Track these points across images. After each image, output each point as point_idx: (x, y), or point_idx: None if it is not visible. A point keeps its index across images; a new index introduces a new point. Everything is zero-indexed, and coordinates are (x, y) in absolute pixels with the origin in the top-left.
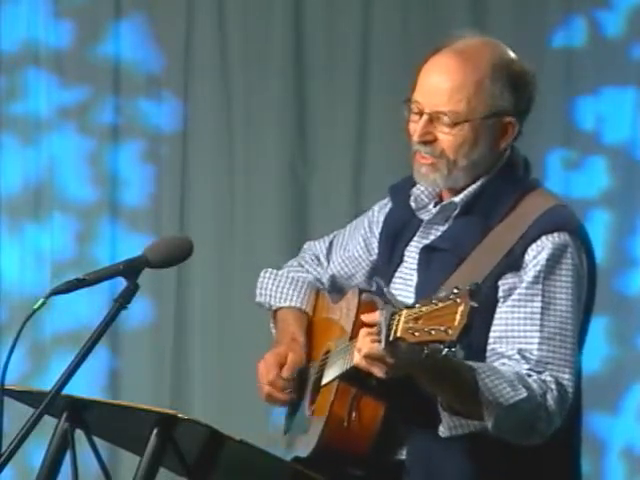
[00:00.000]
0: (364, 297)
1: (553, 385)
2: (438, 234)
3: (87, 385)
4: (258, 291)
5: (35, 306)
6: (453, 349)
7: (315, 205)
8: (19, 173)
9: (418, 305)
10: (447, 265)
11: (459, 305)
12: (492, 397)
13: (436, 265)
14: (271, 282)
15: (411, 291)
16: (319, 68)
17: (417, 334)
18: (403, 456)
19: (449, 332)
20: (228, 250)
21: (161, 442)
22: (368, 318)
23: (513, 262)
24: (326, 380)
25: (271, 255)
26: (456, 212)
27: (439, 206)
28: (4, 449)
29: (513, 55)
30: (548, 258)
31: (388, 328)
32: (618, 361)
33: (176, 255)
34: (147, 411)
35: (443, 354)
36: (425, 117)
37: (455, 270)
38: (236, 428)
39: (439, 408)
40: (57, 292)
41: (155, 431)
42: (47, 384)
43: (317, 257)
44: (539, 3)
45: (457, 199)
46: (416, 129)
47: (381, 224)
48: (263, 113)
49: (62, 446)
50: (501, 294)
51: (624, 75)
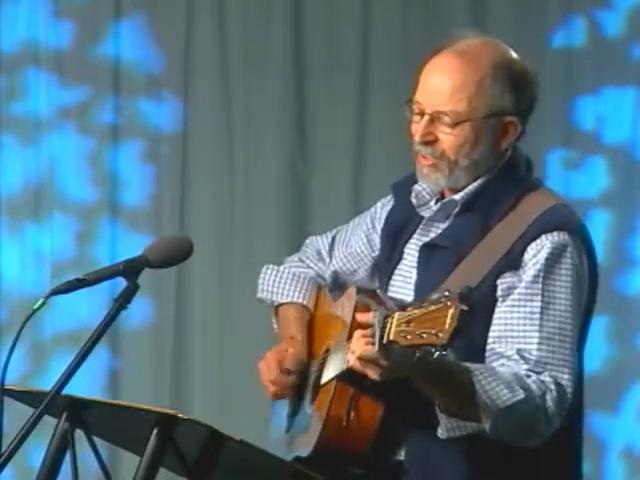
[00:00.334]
0: (358, 298)
1: (552, 386)
2: (438, 232)
3: (87, 385)
4: (259, 287)
5: (35, 306)
6: (444, 352)
7: (315, 205)
8: (19, 173)
9: (410, 308)
10: (447, 263)
11: (449, 308)
12: (489, 399)
13: (436, 263)
14: (272, 278)
15: (411, 288)
16: (319, 68)
17: (409, 337)
18: (402, 457)
19: (440, 335)
20: (228, 250)
21: (161, 442)
22: (362, 319)
23: (512, 261)
24: (325, 379)
25: (271, 255)
26: (456, 210)
27: (440, 203)
28: (4, 449)
29: (514, 55)
30: (547, 257)
31: (381, 331)
32: (618, 361)
33: (176, 255)
34: (147, 411)
35: (434, 357)
36: (426, 117)
37: (454, 268)
38: (236, 428)
39: (437, 410)
40: (57, 292)
41: (155, 431)
42: (47, 384)
43: (319, 252)
44: (539, 3)
45: (457, 197)
46: (417, 130)
47: (383, 220)
48: (263, 113)
49: (62, 446)
50: (500, 293)
51: (624, 75)
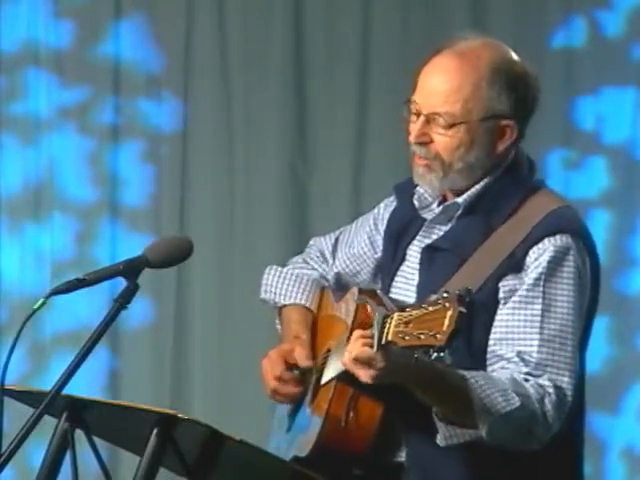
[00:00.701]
0: (357, 299)
1: (551, 389)
2: (440, 234)
3: (87, 385)
4: (263, 288)
5: (35, 306)
6: (442, 354)
7: (315, 205)
8: (19, 173)
9: (409, 309)
10: (449, 265)
11: (448, 310)
12: (485, 407)
13: (438, 265)
14: (276, 279)
15: (413, 290)
16: (319, 68)
17: (407, 338)
18: (402, 458)
19: (437, 337)
20: (228, 250)
21: (161, 442)
22: (366, 319)
23: (515, 264)
24: (325, 379)
25: (271, 255)
26: (459, 212)
27: (442, 206)
28: (4, 449)
29: (514, 57)
30: (550, 261)
31: (380, 332)
32: (618, 361)
33: (176, 255)
34: (147, 411)
35: (432, 359)
36: (422, 118)
37: (457, 270)
38: (236, 428)
39: (434, 418)
40: (57, 292)
41: (155, 431)
42: (47, 384)
43: (322, 254)
44: (539, 3)
45: (460, 200)
46: (413, 130)
47: (386, 222)
48: (263, 113)
49: (62, 446)
50: (502, 296)
51: (624, 75)
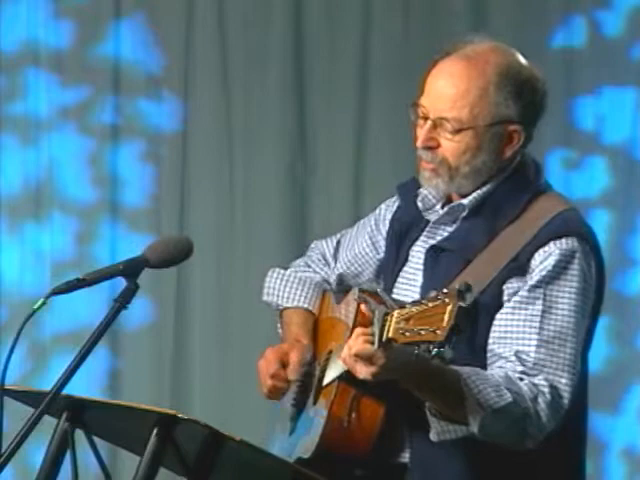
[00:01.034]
0: (357, 297)
1: (546, 389)
2: (445, 235)
3: (87, 385)
4: (265, 290)
5: (35, 306)
6: (442, 349)
7: (315, 205)
8: (19, 173)
9: (409, 305)
10: (453, 266)
11: (447, 305)
12: (477, 403)
13: (442, 266)
14: (279, 282)
15: (416, 291)
16: (319, 68)
17: (408, 334)
18: (405, 459)
19: (437, 332)
20: (228, 250)
21: (161, 442)
22: (367, 319)
23: (519, 267)
24: (327, 380)
25: (271, 255)
26: (464, 214)
27: (447, 207)
28: (4, 449)
29: (523, 61)
30: (555, 264)
31: (381, 329)
32: (618, 361)
33: (176, 255)
34: (147, 411)
35: (432, 354)
36: (429, 123)
37: (461, 272)
38: (236, 428)
39: (427, 413)
40: (57, 292)
41: (155, 431)
42: (47, 384)
43: (324, 256)
44: (539, 3)
45: (466, 201)
46: (420, 134)
47: (388, 222)
48: (263, 113)
49: (62, 446)
50: (506, 298)
51: (624, 75)
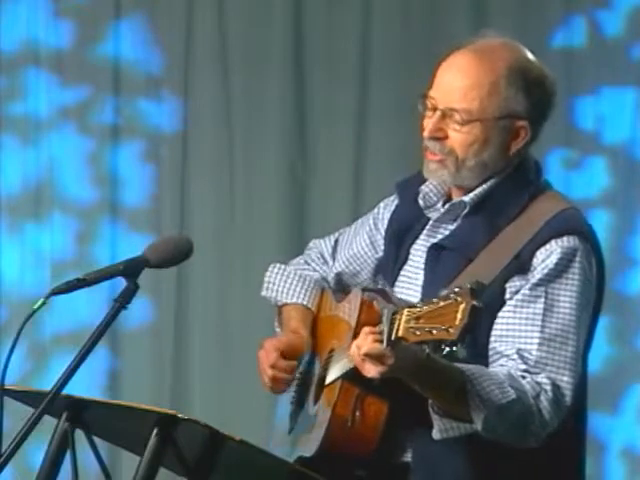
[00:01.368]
0: (365, 296)
1: (548, 387)
2: (446, 233)
3: (87, 385)
4: (265, 284)
5: (35, 306)
6: (454, 348)
7: (315, 205)
8: (19, 173)
9: (419, 304)
10: (455, 265)
11: (460, 304)
12: (480, 400)
13: (443, 264)
14: (279, 278)
15: (417, 290)
16: (319, 68)
17: (418, 333)
18: (408, 458)
19: (450, 331)
20: (228, 250)
21: (161, 442)
22: (371, 318)
23: (521, 265)
24: (330, 379)
25: (271, 255)
26: (465, 211)
27: (448, 204)
28: (4, 449)
29: (533, 59)
30: (557, 262)
31: (390, 327)
32: (618, 361)
33: (176, 255)
34: (147, 411)
35: (444, 353)
36: (438, 113)
37: (462, 270)
38: (236, 428)
39: (430, 411)
40: (57, 292)
41: (155, 431)
42: (47, 384)
43: (322, 255)
44: (539, 3)
45: (467, 198)
46: (428, 125)
47: (387, 221)
48: (263, 113)
49: (62, 446)
50: (508, 296)
51: (624, 75)
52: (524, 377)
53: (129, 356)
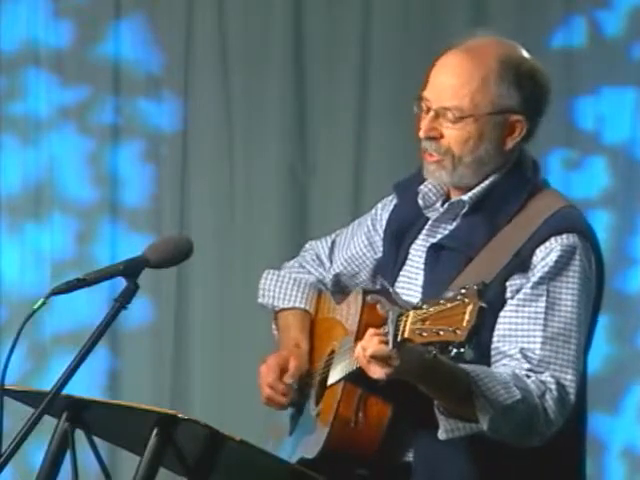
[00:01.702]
0: (369, 298)
1: (553, 385)
2: (445, 232)
3: (87, 385)
4: (260, 292)
5: (35, 306)
6: (462, 350)
7: (315, 205)
8: (19, 173)
9: (425, 306)
10: (455, 264)
11: (467, 305)
12: (486, 400)
13: (444, 264)
14: (274, 283)
15: (417, 290)
16: (319, 68)
17: (425, 334)
18: (410, 458)
19: (457, 332)
20: (228, 250)
21: (161, 442)
22: (373, 319)
23: (521, 263)
24: (332, 380)
25: (271, 255)
26: (464, 210)
27: (447, 204)
28: (4, 449)
29: (524, 54)
30: (557, 260)
31: (396, 329)
32: (618, 361)
33: (176, 255)
34: (147, 411)
35: (452, 355)
36: (431, 113)
37: (462, 270)
38: (236, 428)
39: (435, 411)
40: (57, 292)
41: (155, 431)
42: (47, 384)
43: (319, 257)
44: (539, 3)
45: (466, 197)
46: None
47: (385, 222)
48: (263, 113)
49: (62, 446)
50: (509, 295)
51: (624, 75)
52: (528, 376)
53: (129, 356)
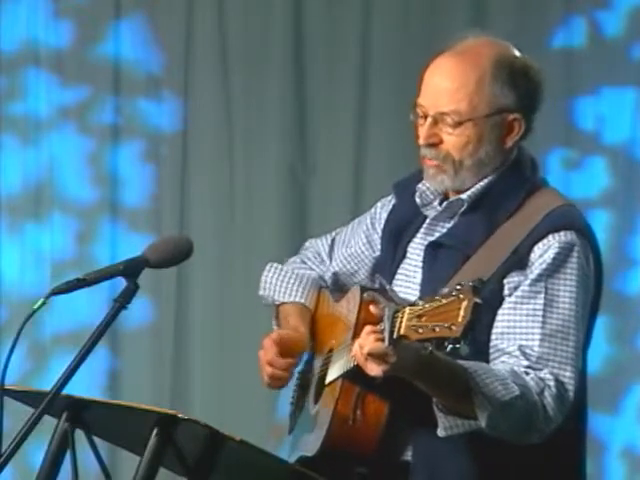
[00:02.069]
0: (366, 295)
1: (552, 382)
2: (444, 231)
3: (87, 385)
4: (262, 284)
5: (35, 306)
6: (457, 345)
7: (315, 205)
8: (19, 173)
9: (421, 302)
10: (453, 262)
11: (462, 301)
12: (484, 396)
13: (442, 262)
14: (275, 277)
15: (415, 288)
16: (319, 68)
17: (421, 331)
18: (409, 457)
19: (453, 328)
20: (228, 250)
21: (161, 442)
22: (371, 316)
23: (519, 260)
24: (330, 378)
25: (271, 255)
26: (463, 209)
27: (446, 202)
28: (4, 449)
29: (515, 52)
30: (554, 257)
31: (392, 326)
32: (618, 361)
33: (176, 255)
34: (147, 411)
35: (447, 351)
36: (429, 120)
37: (460, 267)
38: (236, 428)
39: (434, 408)
40: (57, 292)
41: (155, 431)
42: (47, 384)
43: (319, 254)
44: (539, 3)
45: (464, 196)
46: (422, 132)
47: (384, 221)
48: (263, 113)
49: (62, 446)
50: (507, 292)
51: (624, 75)
52: (527, 373)
53: (129, 356)
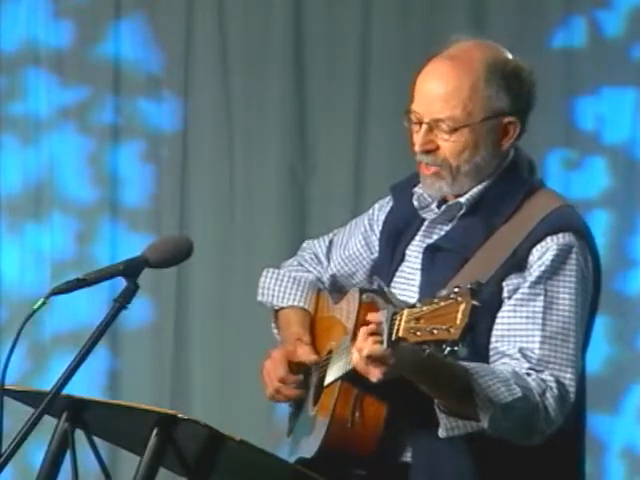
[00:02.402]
0: (365, 297)
1: (553, 384)
2: (442, 234)
3: (87, 385)
4: (260, 290)
5: (35, 306)
6: (455, 348)
7: (315, 205)
8: (19, 173)
9: (419, 305)
10: (451, 265)
11: (460, 304)
12: (486, 398)
13: (440, 265)
14: (273, 282)
15: (414, 290)
16: (319, 68)
17: (419, 334)
18: (408, 458)
19: (451, 331)
20: (228, 250)
21: (161, 442)
22: (369, 318)
23: (518, 263)
24: (329, 380)
25: (271, 255)
26: (461, 212)
27: (444, 206)
28: (4, 449)
29: (507, 54)
30: (553, 259)
31: (390, 328)
32: (618, 361)
33: (176, 255)
34: (147, 411)
35: (445, 353)
36: (425, 126)
37: (459, 270)
38: (236, 428)
39: (436, 410)
40: (57, 292)
41: (155, 431)
42: (47, 384)
43: (317, 256)
44: (539, 3)
45: (463, 199)
46: (418, 139)
47: (381, 223)
48: (263, 113)
49: (62, 446)
50: (506, 295)
51: (624, 75)
52: (529, 375)
53: (129, 356)
